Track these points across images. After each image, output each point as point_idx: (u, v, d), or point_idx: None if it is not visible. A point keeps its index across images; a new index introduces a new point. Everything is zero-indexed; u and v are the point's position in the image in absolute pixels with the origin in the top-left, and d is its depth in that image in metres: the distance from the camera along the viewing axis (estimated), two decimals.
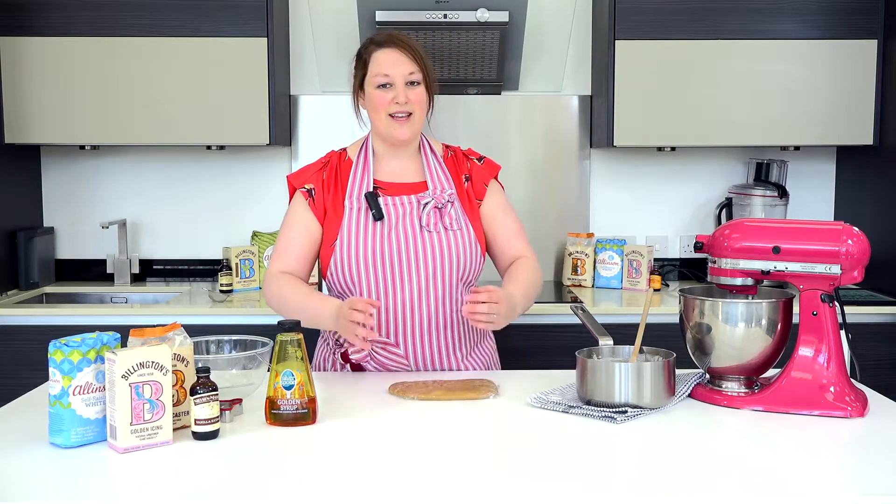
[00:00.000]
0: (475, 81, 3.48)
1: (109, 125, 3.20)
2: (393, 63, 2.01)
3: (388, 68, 2.01)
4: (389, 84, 2.02)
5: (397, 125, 2.03)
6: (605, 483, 1.38)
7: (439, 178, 2.09)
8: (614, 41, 3.22)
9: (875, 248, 1.86)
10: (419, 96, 2.03)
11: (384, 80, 2.02)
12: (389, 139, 2.06)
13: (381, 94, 2.02)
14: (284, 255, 2.07)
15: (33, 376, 2.03)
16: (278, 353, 1.65)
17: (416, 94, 2.03)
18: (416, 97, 2.03)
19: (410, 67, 2.02)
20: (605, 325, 1.95)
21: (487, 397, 1.82)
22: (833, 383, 1.72)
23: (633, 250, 3.38)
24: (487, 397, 1.82)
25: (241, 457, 1.49)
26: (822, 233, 1.75)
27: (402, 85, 2.02)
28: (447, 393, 1.82)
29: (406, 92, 2.01)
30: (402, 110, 2.02)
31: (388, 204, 2.04)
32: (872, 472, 1.42)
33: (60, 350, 1.50)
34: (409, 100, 2.02)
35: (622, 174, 3.62)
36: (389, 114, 2.02)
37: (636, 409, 1.69)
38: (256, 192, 3.58)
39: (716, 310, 1.79)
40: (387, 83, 2.02)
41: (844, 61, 3.22)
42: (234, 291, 3.33)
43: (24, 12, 3.15)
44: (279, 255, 2.08)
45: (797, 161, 3.58)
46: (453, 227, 2.05)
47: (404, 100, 2.01)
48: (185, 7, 3.16)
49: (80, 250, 3.60)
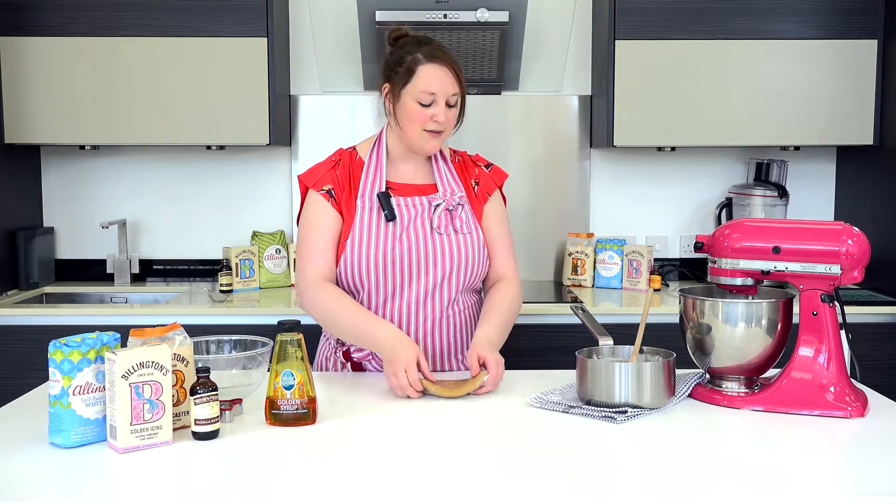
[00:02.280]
0: (475, 81, 3.48)
1: (109, 125, 3.20)
2: (440, 81, 1.99)
3: (436, 86, 1.99)
4: (433, 102, 2.00)
5: (430, 139, 2.02)
6: (605, 483, 1.38)
7: (449, 181, 2.09)
8: (614, 41, 3.22)
9: (875, 248, 1.86)
10: (452, 117, 2.03)
11: (429, 99, 1.99)
12: (419, 150, 2.06)
13: (422, 110, 2.00)
14: (319, 260, 2.03)
15: (33, 376, 2.03)
16: (278, 353, 1.65)
17: (452, 115, 2.03)
18: (451, 117, 2.03)
19: (454, 89, 2.01)
20: (605, 325, 1.95)
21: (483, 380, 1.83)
22: (833, 383, 1.72)
23: (633, 250, 3.39)
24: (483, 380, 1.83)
25: (241, 457, 1.49)
26: (822, 233, 1.75)
27: (444, 104, 2.00)
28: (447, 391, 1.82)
29: (446, 112, 2.01)
30: (437, 128, 2.01)
31: (400, 205, 2.04)
32: (872, 472, 1.42)
33: (60, 350, 1.50)
34: (447, 119, 2.01)
35: (622, 174, 3.62)
36: (426, 129, 2.01)
37: (636, 409, 1.69)
38: (256, 192, 3.58)
39: (716, 310, 1.79)
40: (431, 102, 2.00)
41: (844, 61, 3.22)
42: (234, 291, 3.33)
43: (24, 12, 3.15)
44: (313, 260, 2.03)
45: (797, 161, 3.58)
46: (464, 231, 2.05)
47: (443, 119, 2.00)
48: (185, 7, 3.16)
49: (80, 250, 3.60)
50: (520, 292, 2.12)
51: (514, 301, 2.08)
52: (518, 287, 2.12)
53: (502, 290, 2.09)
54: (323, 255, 2.03)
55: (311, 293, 2.02)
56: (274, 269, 3.43)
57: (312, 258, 2.04)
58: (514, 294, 2.09)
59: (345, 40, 3.46)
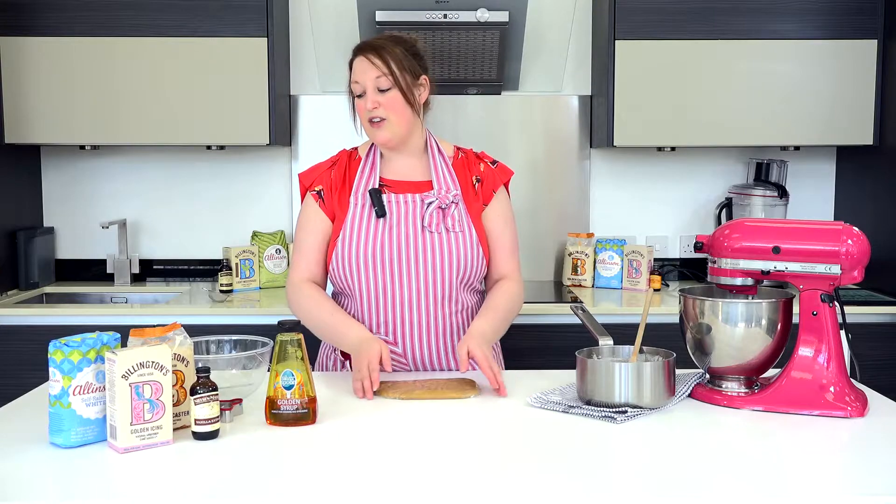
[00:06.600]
0: (475, 81, 3.48)
1: (109, 125, 3.20)
2: (362, 71, 2.03)
3: (358, 76, 2.04)
4: (363, 92, 2.04)
5: (374, 130, 2.05)
6: (605, 483, 1.38)
7: (445, 179, 2.09)
8: (614, 41, 3.22)
9: (875, 248, 1.86)
10: (391, 101, 2.03)
11: (358, 90, 2.04)
12: (379, 145, 2.09)
13: (359, 102, 2.05)
14: (304, 261, 2.08)
15: (33, 376, 2.03)
16: (278, 353, 1.65)
17: (388, 100, 2.03)
18: (387, 102, 2.02)
19: (376, 73, 2.02)
20: (605, 325, 1.95)
21: (468, 397, 1.82)
22: (833, 383, 1.72)
23: (633, 250, 3.39)
24: (468, 397, 1.82)
25: (241, 457, 1.49)
26: (822, 233, 1.75)
27: (373, 91, 2.02)
28: (428, 392, 1.82)
29: (377, 98, 2.02)
30: (373, 116, 2.03)
31: (392, 202, 2.04)
32: (872, 472, 1.42)
33: (60, 350, 1.50)
34: (380, 104, 2.02)
35: (622, 174, 3.62)
36: (367, 120, 2.05)
37: (636, 409, 1.69)
38: (256, 192, 3.58)
39: (716, 310, 1.79)
40: (360, 92, 2.04)
41: (844, 61, 3.22)
42: (234, 291, 3.33)
43: (24, 12, 3.15)
44: (298, 262, 2.08)
45: (797, 161, 3.58)
46: (455, 229, 2.04)
47: (372, 106, 2.02)
48: (185, 7, 3.16)
49: (80, 250, 3.60)
50: (521, 291, 2.12)
51: (513, 297, 2.08)
52: (519, 286, 2.12)
53: (502, 287, 2.09)
54: (307, 257, 2.07)
55: (292, 293, 2.07)
56: (274, 269, 3.43)
57: (297, 260, 2.09)
58: (514, 291, 2.09)
59: (345, 40, 3.45)
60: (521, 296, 2.11)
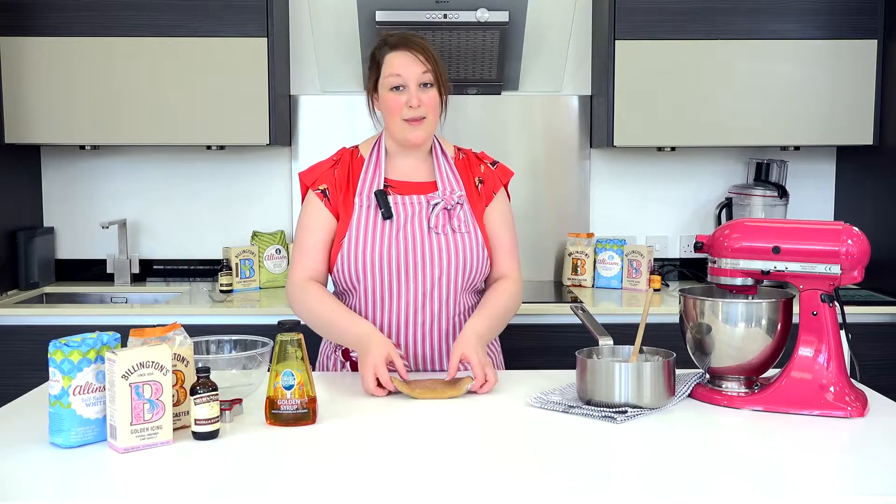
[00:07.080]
0: (475, 81, 3.48)
1: (109, 125, 3.20)
2: (405, 64, 2.00)
3: (402, 69, 2.00)
4: (402, 86, 2.01)
5: (411, 129, 2.02)
6: (605, 483, 1.38)
7: (449, 179, 2.09)
8: (614, 41, 3.22)
9: (875, 248, 1.86)
10: (432, 100, 2.02)
11: (397, 82, 2.00)
12: (404, 143, 2.06)
13: (395, 98, 2.01)
14: (307, 260, 2.05)
15: (33, 376, 2.03)
16: (278, 353, 1.65)
17: (430, 98, 2.02)
18: (429, 100, 2.02)
19: (422, 68, 2.00)
20: (605, 325, 1.95)
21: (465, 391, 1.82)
22: (833, 383, 1.72)
23: (633, 250, 3.39)
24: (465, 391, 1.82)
25: (241, 457, 1.49)
26: (822, 233, 1.75)
27: (415, 87, 2.00)
28: (429, 392, 1.82)
29: (419, 95, 2.00)
30: (415, 114, 2.01)
31: (398, 203, 2.04)
32: (872, 472, 1.42)
33: (60, 350, 1.50)
34: (423, 103, 2.01)
35: (622, 174, 3.62)
36: (404, 118, 2.02)
37: (636, 409, 1.69)
38: (256, 192, 3.58)
39: (716, 310, 1.79)
40: (399, 84, 2.01)
41: (844, 61, 3.22)
42: (234, 291, 3.33)
43: (24, 12, 3.15)
44: (300, 261, 2.06)
45: (797, 161, 3.58)
46: (461, 230, 2.04)
47: (417, 103, 2.00)
48: (185, 7, 3.16)
49: (80, 250, 3.60)
50: (519, 291, 2.11)
51: (510, 297, 2.07)
52: (518, 285, 2.11)
53: (500, 285, 2.08)
54: (310, 256, 2.05)
55: (295, 293, 2.04)
56: (274, 269, 3.43)
57: (300, 259, 2.06)
58: (512, 290, 2.08)
59: (345, 40, 3.46)
60: (519, 295, 2.11)
